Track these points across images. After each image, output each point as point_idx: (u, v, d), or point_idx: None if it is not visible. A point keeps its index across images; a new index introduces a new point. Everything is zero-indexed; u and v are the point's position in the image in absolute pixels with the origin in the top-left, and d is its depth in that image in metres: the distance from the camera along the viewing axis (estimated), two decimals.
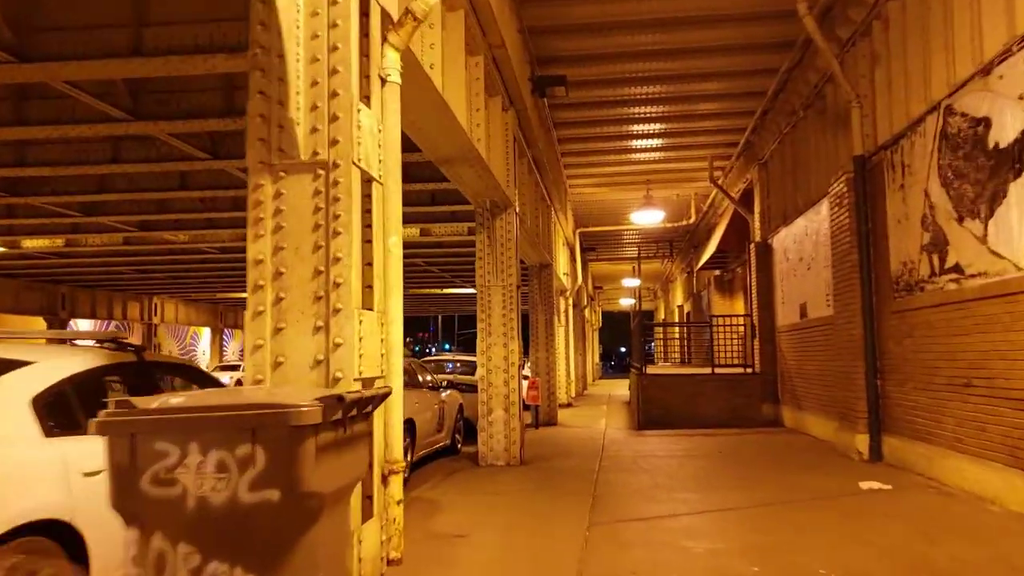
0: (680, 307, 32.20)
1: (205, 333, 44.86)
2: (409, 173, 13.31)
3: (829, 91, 10.58)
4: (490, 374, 9.35)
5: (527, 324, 16.49)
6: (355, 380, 3.63)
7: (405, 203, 15.14)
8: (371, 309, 3.98)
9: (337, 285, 3.61)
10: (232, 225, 17.42)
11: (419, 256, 23.91)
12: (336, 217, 3.69)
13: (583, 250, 25.42)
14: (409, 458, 8.92)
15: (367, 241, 4.03)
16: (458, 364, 16.34)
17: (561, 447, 11.30)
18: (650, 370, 14.95)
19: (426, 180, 13.28)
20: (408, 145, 10.39)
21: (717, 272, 20.94)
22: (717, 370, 14.74)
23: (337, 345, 3.60)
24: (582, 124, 14.21)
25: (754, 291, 14.70)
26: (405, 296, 4.72)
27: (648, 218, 18.46)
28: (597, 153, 16.06)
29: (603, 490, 7.43)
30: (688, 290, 28.89)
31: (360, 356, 3.68)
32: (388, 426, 4.20)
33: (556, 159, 15.01)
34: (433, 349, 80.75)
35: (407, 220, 18.22)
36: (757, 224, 14.97)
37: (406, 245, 21.21)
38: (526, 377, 17.72)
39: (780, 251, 13.57)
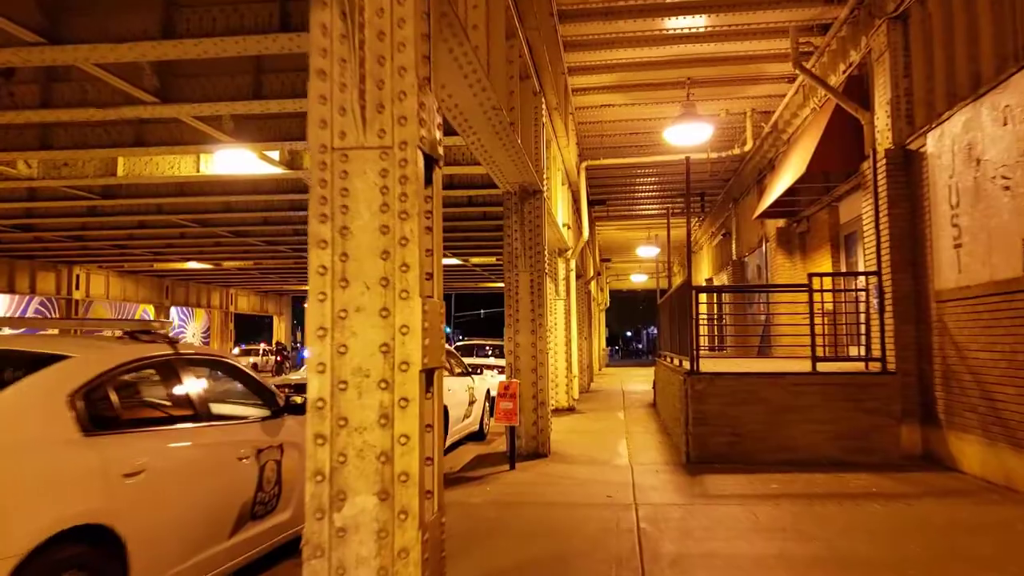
0: (708, 281, 26.14)
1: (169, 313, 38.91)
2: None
3: None
4: (341, 396, 3.33)
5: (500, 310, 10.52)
6: None
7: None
8: None
9: None
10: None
11: None
12: None
13: (591, 203, 19.33)
14: None
15: None
16: None
17: (545, 543, 5.30)
18: (705, 366, 8.93)
19: None
20: None
21: (781, 223, 14.87)
22: (818, 366, 8.71)
23: None
24: None
25: (883, 235, 8.65)
26: None
27: (688, 135, 12.35)
28: (612, 13, 9.94)
29: None
30: (723, 258, 22.85)
31: None
32: None
33: (548, 9, 8.90)
34: None
35: None
36: (885, 122, 8.88)
37: None
38: (496, 368, 11.72)
39: (951, 156, 7.49)
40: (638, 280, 39.14)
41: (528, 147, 8.41)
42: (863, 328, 9.12)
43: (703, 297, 10.57)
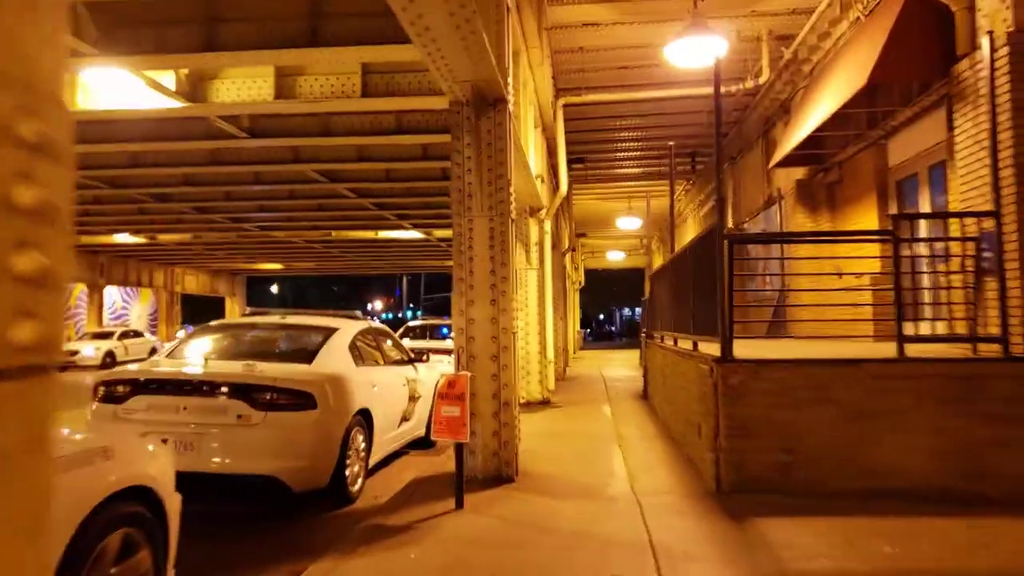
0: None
1: (110, 292, 35.43)
2: None
3: None
4: None
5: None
6: None
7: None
8: None
9: None
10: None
11: (331, 174, 14.92)
12: None
13: (571, 162, 16.41)
14: None
15: None
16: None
17: None
18: (741, 350, 6.18)
19: None
20: None
21: (801, 174, 12.16)
22: (906, 349, 6.00)
23: None
24: None
25: (1004, 159, 5.94)
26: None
27: (695, 54, 9.55)
28: None
29: None
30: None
31: None
32: None
33: None
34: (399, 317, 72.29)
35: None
36: None
37: (298, 157, 10.37)
38: (451, 353, 8.91)
39: None
40: (615, 258, 36.45)
41: (486, 16, 5.55)
42: (963, 295, 6.42)
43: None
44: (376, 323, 8.06)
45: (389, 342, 8.09)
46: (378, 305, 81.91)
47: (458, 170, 6.47)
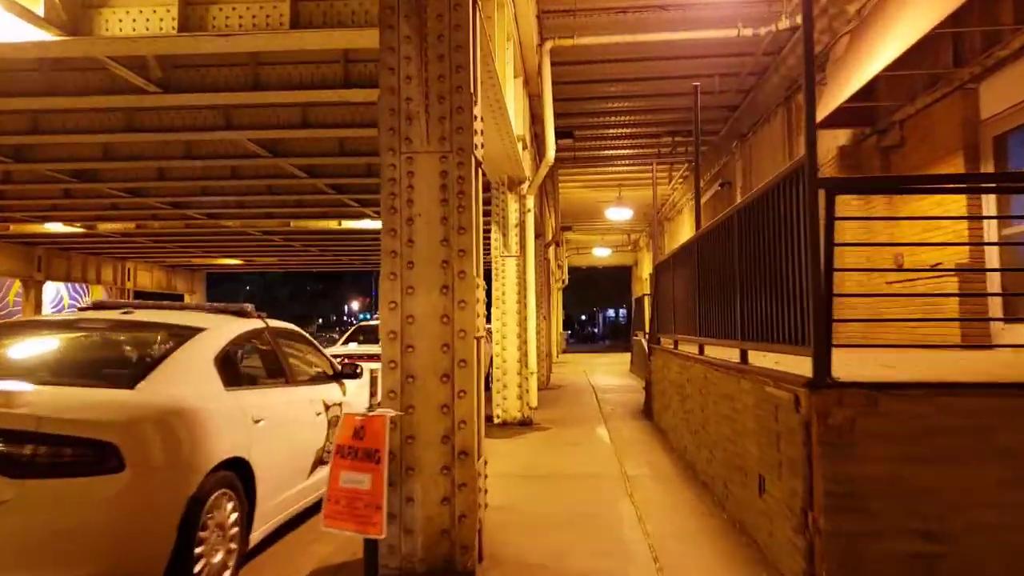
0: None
1: (56, 288, 32.65)
2: None
3: None
4: None
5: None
6: None
7: None
8: None
9: None
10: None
11: (273, 146, 12.37)
12: None
13: (559, 133, 13.85)
14: None
15: None
16: None
17: None
18: (799, 366, 3.86)
19: None
20: None
21: (843, 138, 9.85)
22: None
23: None
24: None
25: None
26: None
27: None
28: None
29: None
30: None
31: None
32: None
33: None
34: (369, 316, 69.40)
35: None
36: None
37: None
38: (349, 371, 6.27)
39: None
40: (601, 254, 34.13)
41: None
42: None
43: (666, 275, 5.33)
44: (283, 323, 5.58)
45: (305, 350, 5.66)
46: (355, 305, 78.67)
47: (390, 78, 4.06)
